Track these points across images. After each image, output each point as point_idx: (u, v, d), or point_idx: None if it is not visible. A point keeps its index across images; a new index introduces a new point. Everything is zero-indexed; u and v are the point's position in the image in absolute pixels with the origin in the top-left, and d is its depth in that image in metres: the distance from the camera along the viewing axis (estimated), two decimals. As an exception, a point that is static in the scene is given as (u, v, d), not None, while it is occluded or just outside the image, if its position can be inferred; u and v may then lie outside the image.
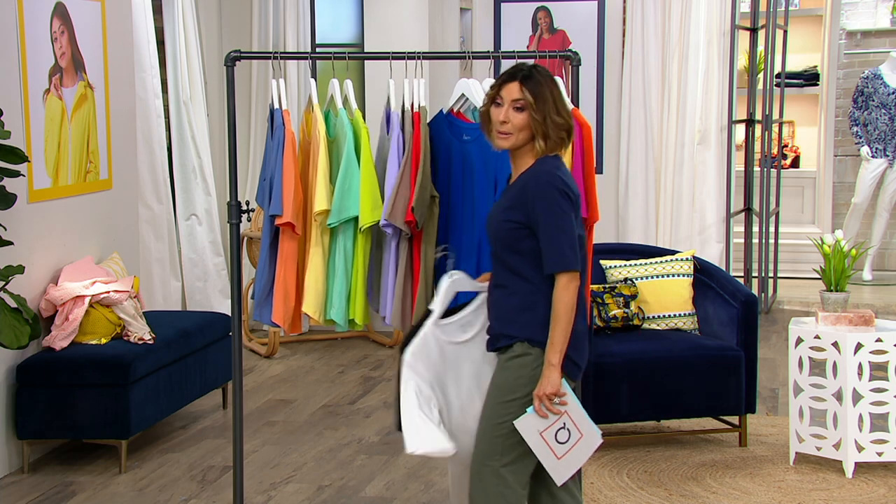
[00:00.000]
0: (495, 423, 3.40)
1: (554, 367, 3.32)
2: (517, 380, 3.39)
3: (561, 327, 3.31)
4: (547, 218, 3.31)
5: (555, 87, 3.40)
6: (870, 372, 4.99)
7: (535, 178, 3.36)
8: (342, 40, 8.44)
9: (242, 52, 4.23)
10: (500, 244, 3.41)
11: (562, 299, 3.30)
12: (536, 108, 3.36)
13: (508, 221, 3.37)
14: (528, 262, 3.36)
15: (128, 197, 6.35)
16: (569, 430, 3.41)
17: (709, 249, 8.57)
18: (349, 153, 4.01)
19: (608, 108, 9.02)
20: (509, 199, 3.40)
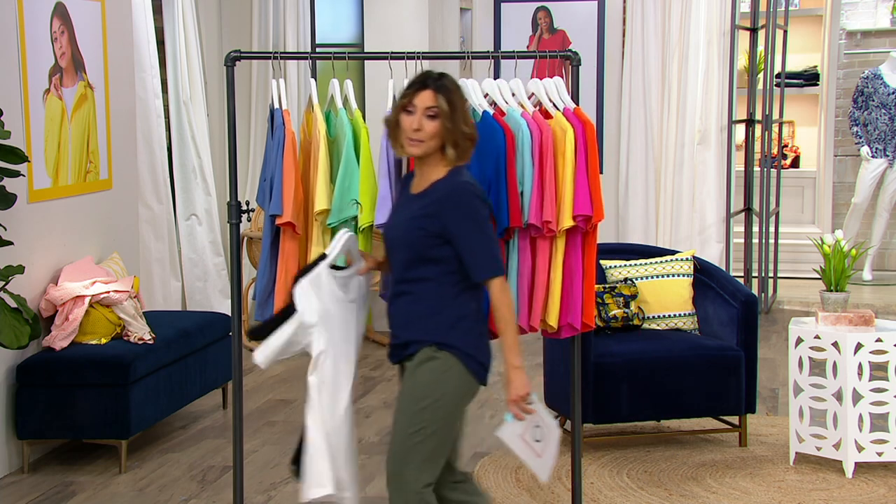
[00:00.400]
0: (411, 432, 3.40)
1: (518, 368, 3.36)
2: (428, 385, 3.40)
3: (510, 329, 3.37)
4: (471, 228, 3.35)
5: (462, 97, 3.43)
6: (870, 372, 4.99)
7: (453, 188, 3.38)
8: (342, 40, 8.44)
9: (242, 52, 4.23)
10: (410, 251, 3.41)
11: (503, 302, 3.37)
12: (450, 117, 3.38)
13: (422, 230, 3.38)
14: (437, 270, 3.39)
15: (128, 197, 6.35)
16: (540, 427, 3.47)
17: (709, 249, 8.57)
18: (349, 153, 4.01)
19: (608, 108, 9.03)
20: (422, 207, 3.40)
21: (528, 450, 3.46)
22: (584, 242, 4.02)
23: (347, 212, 3.99)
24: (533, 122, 3.99)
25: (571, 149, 3.96)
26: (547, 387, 5.61)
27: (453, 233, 3.34)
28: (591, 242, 4.03)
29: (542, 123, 3.99)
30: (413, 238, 3.39)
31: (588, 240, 4.03)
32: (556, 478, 5.03)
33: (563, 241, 4.00)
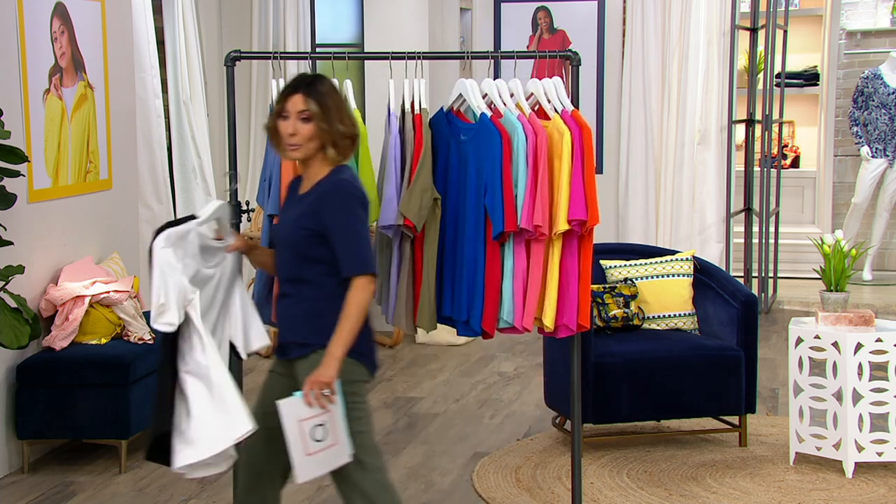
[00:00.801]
0: (353, 419, 3.43)
1: (335, 359, 3.35)
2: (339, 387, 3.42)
3: (350, 324, 3.37)
4: (344, 223, 3.38)
5: (337, 96, 3.45)
6: (870, 372, 4.99)
7: (333, 186, 3.41)
8: (342, 40, 8.44)
9: (242, 52, 4.23)
10: (293, 251, 3.45)
11: (356, 299, 3.37)
12: (322, 118, 3.40)
13: (304, 229, 3.41)
14: (318, 270, 3.42)
15: (128, 197, 6.35)
16: (327, 429, 3.39)
17: (709, 249, 8.57)
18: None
19: (608, 108, 9.03)
20: (305, 206, 3.44)
21: (298, 438, 3.38)
22: (580, 245, 4.03)
23: None
24: (528, 126, 3.99)
25: (568, 152, 3.96)
26: (547, 387, 5.61)
27: (328, 227, 3.38)
28: (587, 245, 4.04)
29: (537, 127, 3.99)
30: (296, 238, 3.43)
31: (584, 242, 4.03)
32: (556, 478, 5.04)
33: (559, 243, 4.01)
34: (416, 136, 4.00)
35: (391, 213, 3.98)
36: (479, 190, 4.00)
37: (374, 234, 3.86)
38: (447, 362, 7.30)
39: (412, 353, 7.57)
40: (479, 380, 6.86)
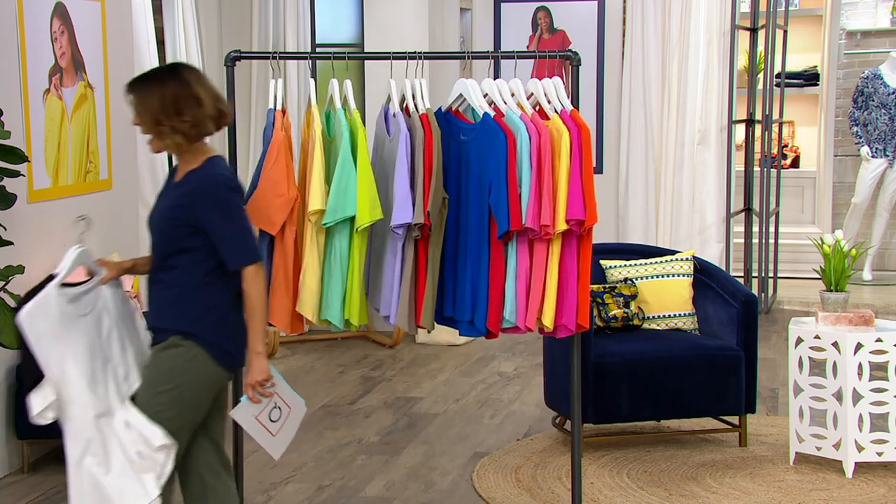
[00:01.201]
0: (150, 415, 3.47)
1: (259, 354, 3.48)
2: (169, 371, 3.48)
3: (258, 316, 3.46)
4: (223, 217, 3.44)
5: (168, 88, 3.45)
6: (870, 372, 4.99)
7: (203, 179, 3.46)
8: (342, 40, 8.44)
9: (242, 52, 4.23)
10: (162, 240, 3.51)
11: (254, 290, 3.46)
12: (144, 113, 3.46)
13: (174, 219, 3.47)
14: (188, 259, 3.47)
15: (128, 197, 6.35)
16: (279, 407, 3.64)
17: (709, 249, 8.57)
18: (345, 153, 4.00)
19: (608, 108, 9.03)
20: (176, 198, 3.49)
21: (261, 430, 3.63)
22: (579, 245, 4.03)
23: (343, 212, 3.98)
24: (531, 125, 3.99)
25: (567, 152, 3.96)
26: (547, 387, 5.61)
27: (206, 224, 3.43)
28: (586, 245, 4.04)
29: (540, 126, 4.00)
30: (165, 227, 3.49)
31: (583, 242, 4.03)
32: (555, 478, 5.04)
33: (558, 243, 4.01)
34: (426, 136, 3.99)
35: (406, 212, 3.95)
36: (482, 190, 4.00)
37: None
38: (447, 362, 7.30)
39: (412, 353, 7.57)
40: (479, 380, 6.86)
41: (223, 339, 3.50)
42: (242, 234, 3.47)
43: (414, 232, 3.99)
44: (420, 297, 4.06)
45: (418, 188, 3.96)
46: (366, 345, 7.83)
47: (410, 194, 3.94)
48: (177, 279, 3.49)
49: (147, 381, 3.52)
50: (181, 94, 3.45)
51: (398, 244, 4.03)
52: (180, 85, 3.46)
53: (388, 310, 4.10)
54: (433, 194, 3.96)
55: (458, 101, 4.16)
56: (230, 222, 3.44)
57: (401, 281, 4.05)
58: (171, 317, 3.49)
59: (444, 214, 4.01)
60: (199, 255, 3.46)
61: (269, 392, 3.57)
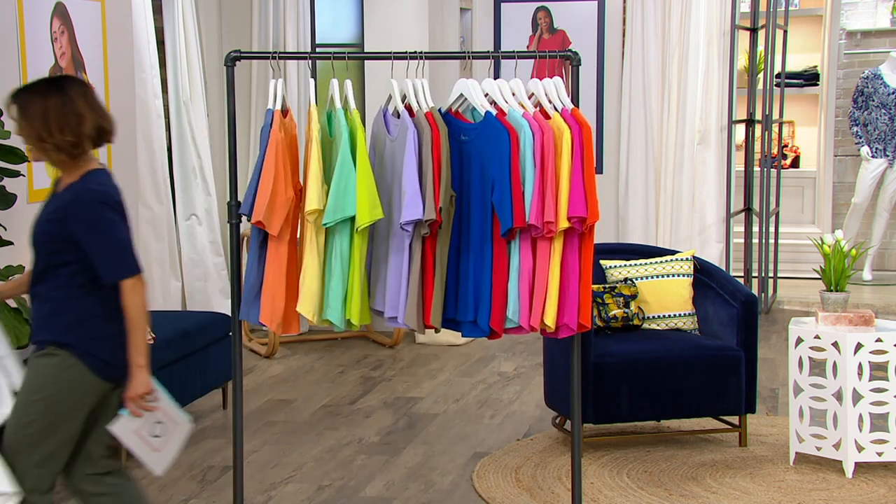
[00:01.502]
0: (24, 423, 3.47)
1: (141, 367, 3.45)
2: (43, 380, 3.48)
3: (137, 328, 3.44)
4: (96, 232, 3.41)
5: (51, 101, 3.43)
6: (870, 372, 4.99)
7: (76, 195, 3.44)
8: (342, 40, 8.44)
9: (242, 52, 4.23)
10: (39, 254, 3.50)
11: (132, 303, 3.43)
12: (24, 127, 3.44)
13: (48, 234, 3.46)
14: (63, 271, 3.45)
15: (128, 197, 6.28)
16: (163, 422, 3.58)
17: (709, 249, 8.58)
18: (344, 153, 4.00)
19: (608, 108, 9.03)
20: (51, 212, 3.48)
21: (143, 445, 3.57)
22: (580, 243, 4.02)
23: (343, 212, 3.98)
24: (535, 123, 3.99)
25: (568, 150, 3.96)
26: (547, 387, 5.61)
27: (80, 239, 3.41)
28: (587, 243, 4.03)
29: (543, 124, 4.00)
30: (41, 241, 3.48)
31: (585, 241, 4.03)
32: (556, 478, 5.04)
33: (560, 241, 4.01)
34: (434, 133, 3.99)
35: (416, 209, 3.95)
36: (484, 188, 4.00)
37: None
38: (447, 362, 7.30)
39: (412, 353, 7.57)
40: (479, 380, 6.86)
41: (99, 349, 3.47)
42: (116, 247, 3.42)
43: (423, 229, 3.98)
44: (428, 297, 4.05)
45: (428, 185, 3.95)
46: (366, 345, 7.83)
47: (420, 191, 3.94)
48: (53, 291, 3.48)
49: (24, 386, 3.54)
50: (63, 111, 3.44)
51: (405, 242, 4.01)
52: (63, 100, 3.44)
53: (395, 310, 4.08)
54: (443, 191, 3.96)
55: (458, 102, 4.16)
56: (102, 236, 3.41)
57: (408, 280, 4.03)
58: (48, 328, 3.49)
59: (451, 212, 4.01)
60: (74, 267, 3.44)
61: (151, 406, 3.51)
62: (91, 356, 3.47)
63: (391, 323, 4.12)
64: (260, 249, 4.08)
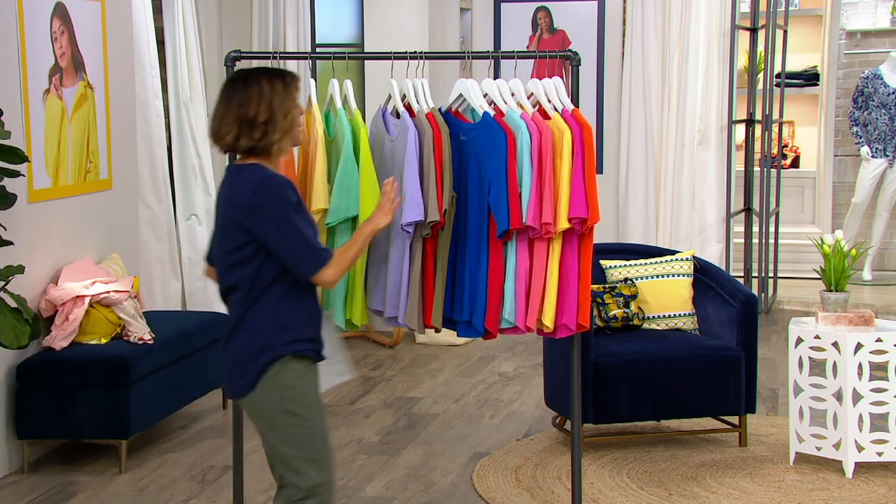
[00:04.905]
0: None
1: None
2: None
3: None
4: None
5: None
6: (870, 372, 4.99)
7: None
8: (342, 40, 8.44)
9: (242, 52, 4.23)
10: None
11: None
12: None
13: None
14: None
15: (128, 197, 6.35)
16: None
17: (709, 249, 8.57)
18: (347, 153, 4.00)
19: (608, 108, 9.03)
20: None
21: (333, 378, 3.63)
22: (580, 244, 4.03)
23: (346, 212, 3.98)
24: (532, 124, 3.99)
25: (569, 151, 3.96)
26: (547, 387, 5.61)
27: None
28: (587, 244, 4.03)
29: (541, 125, 4.00)
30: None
31: (584, 241, 4.03)
32: (555, 478, 5.04)
33: (559, 242, 4.01)
34: (435, 134, 3.99)
35: (417, 210, 3.94)
36: (481, 189, 4.00)
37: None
38: (447, 362, 7.30)
39: (412, 353, 7.57)
40: (479, 380, 6.86)
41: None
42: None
43: (424, 230, 3.98)
44: (429, 297, 4.05)
45: (430, 186, 3.96)
46: (366, 345, 7.83)
47: (420, 193, 3.94)
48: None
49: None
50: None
51: (406, 243, 4.01)
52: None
53: (395, 311, 4.08)
54: (445, 192, 3.96)
55: (458, 102, 4.16)
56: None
57: (409, 281, 4.03)
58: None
59: (451, 213, 4.02)
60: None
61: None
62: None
63: (391, 323, 4.13)
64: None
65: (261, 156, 3.30)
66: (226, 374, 3.36)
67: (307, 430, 3.32)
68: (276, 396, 3.29)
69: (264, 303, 3.27)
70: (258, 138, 3.27)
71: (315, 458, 3.35)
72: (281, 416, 3.30)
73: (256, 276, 3.26)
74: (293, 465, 3.34)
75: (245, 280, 3.26)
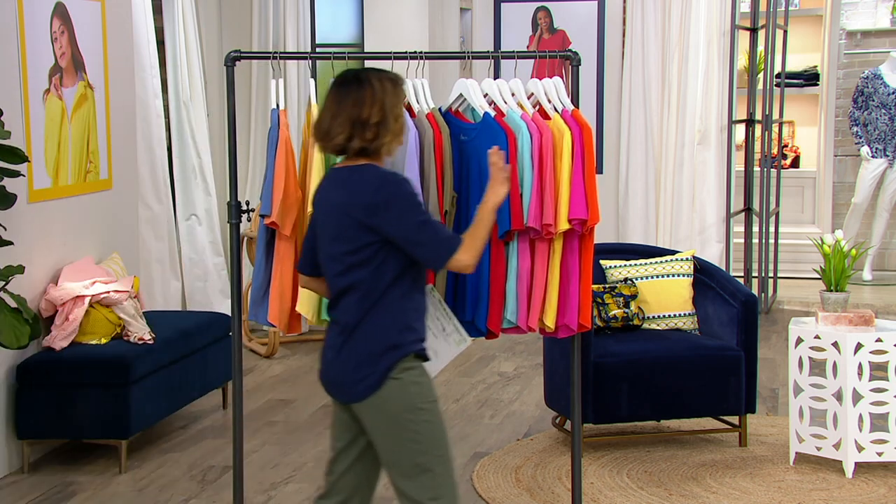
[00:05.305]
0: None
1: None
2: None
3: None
4: None
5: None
6: (870, 372, 4.99)
7: None
8: (342, 40, 8.44)
9: (242, 52, 4.23)
10: None
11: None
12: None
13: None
14: None
15: (128, 197, 6.35)
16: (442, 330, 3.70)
17: (709, 249, 8.58)
18: (344, 154, 4.00)
19: (608, 108, 9.03)
20: None
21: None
22: (581, 244, 4.02)
23: None
24: (532, 125, 3.99)
25: (569, 152, 3.96)
26: (547, 387, 5.61)
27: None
28: (588, 244, 4.03)
29: (541, 125, 3.99)
30: None
31: (585, 242, 4.03)
32: (556, 478, 5.04)
33: (560, 242, 4.00)
34: (436, 134, 3.99)
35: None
36: (482, 189, 3.99)
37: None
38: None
39: (412, 353, 7.56)
40: (479, 380, 6.86)
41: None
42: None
43: None
44: None
45: (431, 187, 3.95)
46: (366, 345, 7.82)
47: (421, 193, 3.94)
48: None
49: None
50: None
51: None
52: None
53: None
54: (445, 193, 3.96)
55: (458, 102, 4.16)
56: None
57: None
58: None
59: (452, 213, 4.01)
60: None
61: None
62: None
63: None
64: (267, 249, 4.08)
65: (371, 157, 3.31)
66: (340, 377, 3.31)
67: (434, 425, 3.33)
68: (404, 394, 3.29)
69: (387, 302, 3.27)
70: (370, 139, 3.27)
71: (442, 454, 3.35)
72: (409, 412, 3.29)
73: (377, 277, 3.25)
74: (421, 463, 3.34)
75: (364, 281, 3.25)
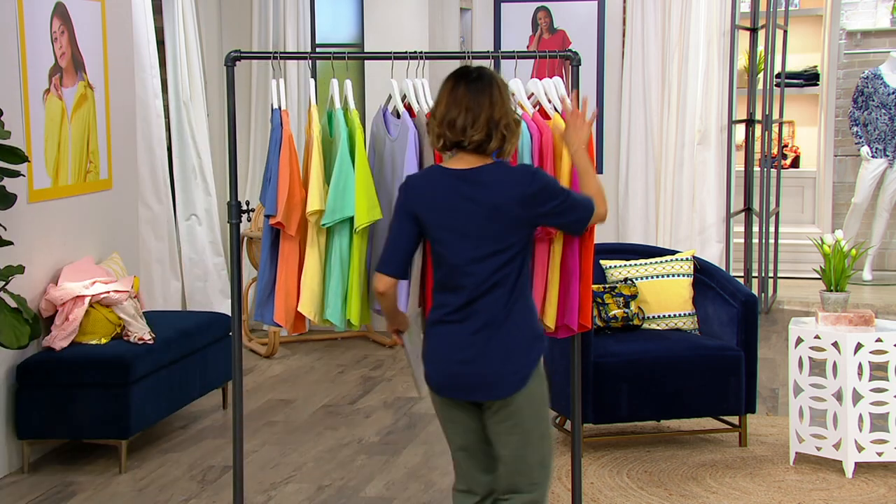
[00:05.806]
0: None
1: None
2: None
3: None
4: None
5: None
6: (870, 372, 4.99)
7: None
8: (342, 40, 8.44)
9: (242, 52, 4.22)
10: None
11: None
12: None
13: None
14: None
15: (128, 197, 6.35)
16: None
17: (709, 249, 8.57)
18: (343, 153, 4.00)
19: (608, 108, 9.02)
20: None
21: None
22: (581, 244, 4.02)
23: (342, 212, 3.98)
24: (533, 124, 3.99)
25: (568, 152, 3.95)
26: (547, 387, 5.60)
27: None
28: (588, 244, 4.03)
29: (542, 125, 3.99)
30: None
31: (585, 242, 4.02)
32: (556, 478, 5.04)
33: (560, 242, 4.00)
34: None
35: None
36: None
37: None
38: (447, 362, 7.29)
39: (412, 353, 7.57)
40: (479, 380, 6.85)
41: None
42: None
43: None
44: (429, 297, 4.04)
45: None
46: (366, 345, 7.83)
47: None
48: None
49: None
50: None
51: None
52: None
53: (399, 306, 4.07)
54: None
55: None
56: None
57: (410, 281, 4.03)
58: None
59: None
60: None
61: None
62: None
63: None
64: (272, 249, 4.08)
65: (497, 155, 3.40)
66: (488, 374, 3.34)
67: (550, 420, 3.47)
68: (543, 386, 3.40)
69: (526, 294, 3.40)
70: (503, 139, 3.37)
71: (552, 451, 3.51)
72: (545, 407, 3.40)
73: (521, 270, 3.37)
74: (545, 461, 3.42)
75: (509, 276, 3.34)
